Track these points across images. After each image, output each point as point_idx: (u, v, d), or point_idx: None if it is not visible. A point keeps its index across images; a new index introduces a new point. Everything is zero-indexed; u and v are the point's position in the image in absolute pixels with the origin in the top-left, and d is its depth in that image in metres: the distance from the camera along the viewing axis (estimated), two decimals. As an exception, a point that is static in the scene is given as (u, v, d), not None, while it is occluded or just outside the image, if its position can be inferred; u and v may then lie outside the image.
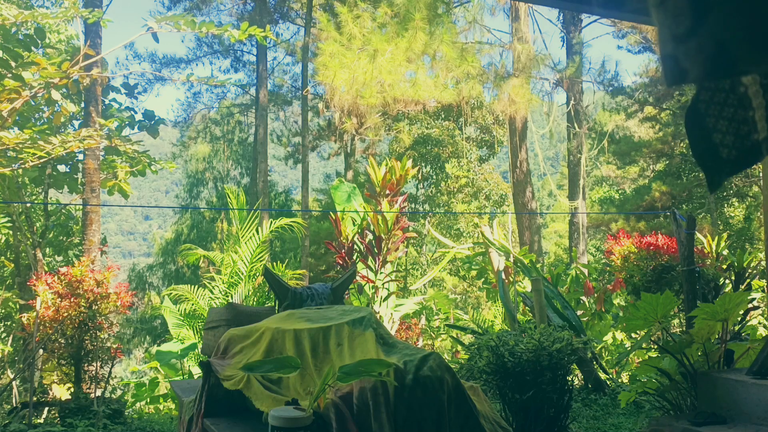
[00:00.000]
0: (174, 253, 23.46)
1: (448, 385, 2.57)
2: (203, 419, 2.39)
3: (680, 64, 0.71)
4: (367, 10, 13.61)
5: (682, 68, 0.71)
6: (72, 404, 6.25)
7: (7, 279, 10.87)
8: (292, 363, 2.02)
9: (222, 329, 3.01)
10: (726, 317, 3.73)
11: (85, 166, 9.16)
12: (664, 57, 0.74)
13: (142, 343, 20.12)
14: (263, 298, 8.48)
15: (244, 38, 6.74)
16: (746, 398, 3.25)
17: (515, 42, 14.18)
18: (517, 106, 13.33)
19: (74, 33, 11.93)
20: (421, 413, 2.44)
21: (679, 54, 0.71)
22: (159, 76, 21.54)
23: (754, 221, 18.18)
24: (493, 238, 8.66)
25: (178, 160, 25.52)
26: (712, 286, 7.30)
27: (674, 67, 0.72)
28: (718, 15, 0.67)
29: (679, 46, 0.71)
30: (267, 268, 3.65)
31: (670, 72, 0.73)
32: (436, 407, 2.50)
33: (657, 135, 20.47)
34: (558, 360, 4.18)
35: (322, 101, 19.15)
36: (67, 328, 6.34)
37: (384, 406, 2.32)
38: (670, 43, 0.73)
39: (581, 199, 16.64)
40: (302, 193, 18.64)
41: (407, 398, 2.40)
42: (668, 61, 0.73)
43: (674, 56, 0.72)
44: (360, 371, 1.85)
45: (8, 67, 7.02)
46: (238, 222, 9.18)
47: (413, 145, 18.85)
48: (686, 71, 0.71)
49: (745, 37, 0.66)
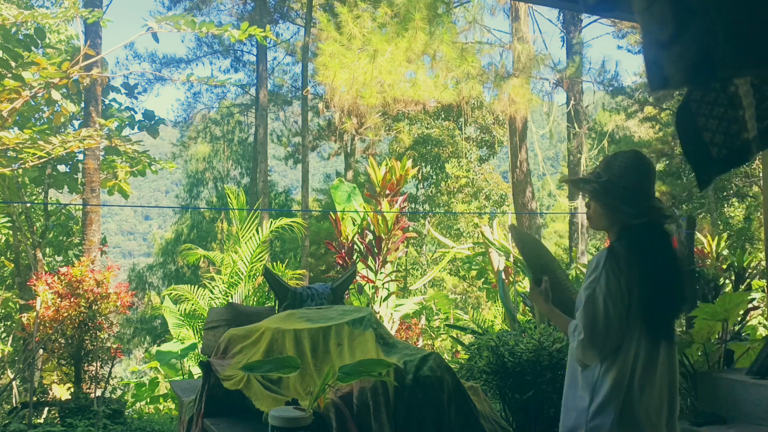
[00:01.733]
0: (174, 253, 23.46)
1: (448, 385, 2.57)
2: (203, 419, 2.40)
3: (664, 69, 0.72)
4: (367, 10, 13.60)
5: (666, 74, 0.72)
6: (72, 404, 6.25)
7: (7, 279, 10.87)
8: (292, 363, 2.02)
9: (222, 329, 3.01)
10: (726, 317, 3.73)
11: (85, 166, 9.16)
12: (648, 62, 0.74)
13: (142, 343, 20.12)
14: (263, 298, 8.48)
15: (244, 38, 6.74)
16: (746, 398, 3.25)
17: (515, 42, 14.17)
18: (517, 106, 13.33)
19: (74, 33, 11.93)
20: (421, 413, 2.44)
21: (663, 60, 0.71)
22: (159, 76, 21.55)
23: (754, 221, 18.18)
24: (493, 238, 8.66)
25: (178, 160, 25.52)
26: (712, 286, 7.30)
27: (658, 72, 0.73)
28: (700, 22, 0.68)
29: (662, 51, 0.72)
30: (267, 268, 3.66)
31: (653, 77, 0.74)
32: (436, 407, 2.50)
33: (657, 135, 20.47)
34: (558, 360, 4.18)
35: (322, 101, 19.15)
36: (67, 328, 6.34)
37: (384, 406, 2.32)
38: (654, 49, 0.73)
39: (581, 199, 16.64)
40: (302, 193, 18.64)
41: (407, 398, 2.40)
42: (652, 66, 0.73)
43: (658, 62, 0.72)
44: (360, 371, 1.86)
45: (8, 67, 7.02)
46: (238, 222, 9.18)
47: (413, 145, 18.84)
48: (669, 77, 0.72)
49: (727, 43, 0.67)
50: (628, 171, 2.10)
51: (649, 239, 2.10)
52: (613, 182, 2.11)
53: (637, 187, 2.10)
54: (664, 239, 2.15)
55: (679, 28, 0.69)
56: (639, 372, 2.05)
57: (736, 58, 0.67)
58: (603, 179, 2.13)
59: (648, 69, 0.75)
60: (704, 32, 0.68)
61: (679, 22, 0.69)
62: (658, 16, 0.71)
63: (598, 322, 1.99)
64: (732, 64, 0.67)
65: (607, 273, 2.03)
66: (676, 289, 2.14)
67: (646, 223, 2.10)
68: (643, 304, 2.04)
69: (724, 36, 0.67)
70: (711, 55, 0.68)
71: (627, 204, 2.09)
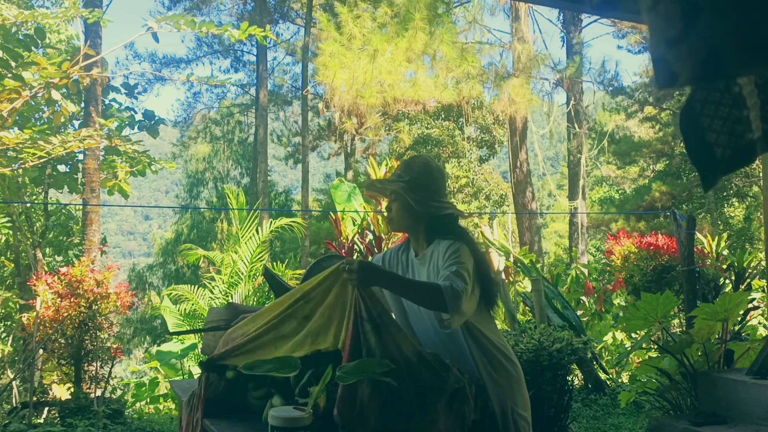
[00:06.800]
0: (174, 253, 23.46)
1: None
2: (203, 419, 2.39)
3: (671, 67, 0.72)
4: (367, 10, 13.61)
5: (673, 72, 0.72)
6: (72, 404, 6.25)
7: (7, 279, 10.87)
8: (292, 363, 2.02)
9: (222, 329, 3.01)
10: (726, 317, 3.73)
11: (85, 166, 9.16)
12: (655, 60, 0.74)
13: (142, 343, 20.12)
14: (263, 298, 8.47)
15: (244, 38, 6.74)
16: (746, 398, 3.25)
17: (515, 42, 14.18)
18: (517, 106, 13.34)
19: (74, 33, 11.93)
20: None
21: (670, 57, 0.71)
22: (159, 76, 21.55)
23: (754, 221, 18.18)
24: (493, 238, 8.66)
25: (178, 160, 25.52)
26: (712, 286, 7.30)
27: (665, 70, 0.73)
28: (708, 19, 0.68)
29: (669, 49, 0.72)
30: (267, 268, 3.65)
31: (660, 75, 0.74)
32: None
33: (657, 135, 20.48)
34: (558, 360, 4.19)
35: (322, 101, 19.14)
36: (67, 328, 6.34)
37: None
38: (661, 47, 0.73)
39: (581, 199, 16.65)
40: (302, 193, 18.65)
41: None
42: (659, 64, 0.73)
43: (665, 60, 0.72)
44: (360, 371, 1.86)
45: (8, 67, 7.02)
46: (238, 222, 9.18)
47: (413, 145, 18.84)
48: (677, 75, 0.72)
49: (735, 41, 0.67)
50: (428, 172, 2.35)
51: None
52: (416, 181, 2.31)
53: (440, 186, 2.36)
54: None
55: (687, 25, 0.69)
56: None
57: (745, 56, 0.67)
58: (406, 178, 2.31)
59: (655, 67, 0.75)
60: (712, 29, 0.68)
61: (686, 19, 0.69)
62: (664, 14, 0.71)
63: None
64: (740, 61, 0.67)
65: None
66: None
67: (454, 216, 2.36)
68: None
69: (732, 33, 0.67)
70: (719, 52, 0.68)
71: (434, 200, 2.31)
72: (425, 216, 2.30)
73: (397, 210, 2.35)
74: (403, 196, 2.29)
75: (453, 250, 2.16)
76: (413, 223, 2.33)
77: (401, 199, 2.31)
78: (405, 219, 2.33)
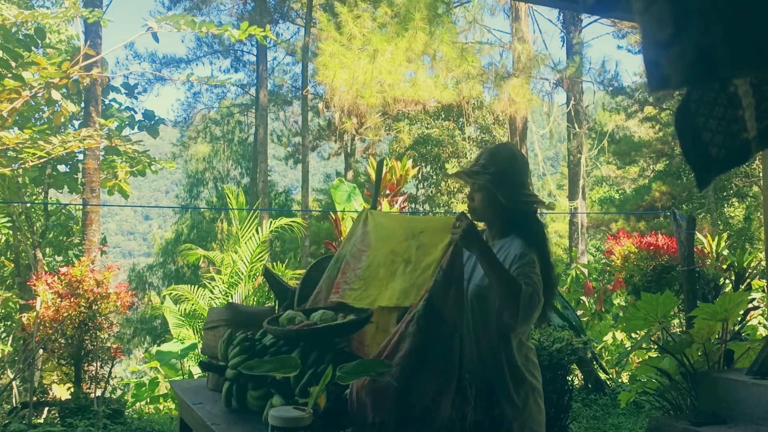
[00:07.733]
0: (174, 253, 23.45)
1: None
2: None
3: (663, 70, 0.72)
4: (367, 10, 13.61)
5: (665, 74, 0.72)
6: (72, 404, 6.25)
7: (7, 279, 10.87)
8: (292, 363, 2.02)
9: (222, 329, 3.00)
10: (726, 317, 3.73)
11: (85, 166, 9.16)
12: (647, 63, 0.74)
13: (142, 343, 20.11)
14: (263, 298, 8.47)
15: (244, 38, 6.73)
16: (746, 398, 3.25)
17: (515, 42, 14.17)
18: (517, 106, 13.33)
19: (74, 33, 11.93)
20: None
21: (662, 60, 0.72)
22: (159, 76, 21.55)
23: (754, 221, 18.18)
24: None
25: (178, 160, 25.51)
26: (712, 286, 7.30)
27: (657, 73, 0.73)
28: (700, 22, 0.68)
29: (661, 52, 0.72)
30: (267, 268, 3.65)
31: (653, 78, 0.74)
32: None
33: (657, 135, 20.48)
34: (558, 360, 4.19)
35: (322, 101, 19.13)
36: (67, 328, 6.34)
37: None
38: (653, 50, 0.73)
39: (581, 199, 16.64)
40: (302, 193, 18.65)
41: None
42: (651, 67, 0.74)
43: (657, 62, 0.72)
44: (360, 371, 1.86)
45: (8, 67, 7.02)
46: (238, 222, 9.18)
47: (413, 145, 18.83)
48: (669, 77, 0.72)
49: (726, 43, 0.67)
50: (514, 161, 2.29)
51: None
52: (502, 173, 2.24)
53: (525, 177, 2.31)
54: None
55: (679, 28, 0.70)
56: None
57: (736, 58, 0.67)
58: (491, 170, 2.24)
59: (647, 69, 0.75)
60: (704, 32, 0.68)
61: (678, 22, 0.69)
62: (657, 17, 0.71)
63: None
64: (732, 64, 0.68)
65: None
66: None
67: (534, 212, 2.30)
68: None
69: (723, 36, 0.67)
70: (711, 55, 0.68)
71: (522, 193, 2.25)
72: (509, 210, 2.24)
73: (481, 201, 2.29)
74: (488, 188, 2.23)
75: (527, 261, 2.11)
76: (495, 215, 2.29)
77: (486, 190, 2.25)
78: (489, 211, 2.29)
